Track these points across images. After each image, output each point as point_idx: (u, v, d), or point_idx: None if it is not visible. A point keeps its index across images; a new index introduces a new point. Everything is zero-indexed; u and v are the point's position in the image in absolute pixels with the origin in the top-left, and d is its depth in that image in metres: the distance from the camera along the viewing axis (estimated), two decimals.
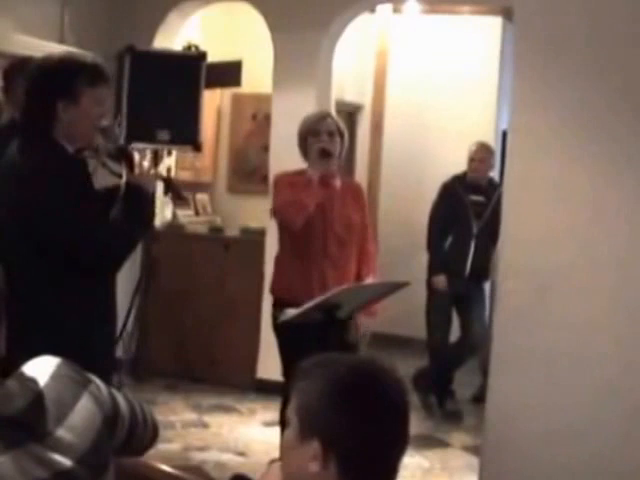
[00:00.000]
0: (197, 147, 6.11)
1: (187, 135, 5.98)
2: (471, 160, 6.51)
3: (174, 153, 6.84)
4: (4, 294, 1.60)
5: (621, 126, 3.68)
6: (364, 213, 4.56)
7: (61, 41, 6.27)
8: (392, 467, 1.62)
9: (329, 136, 4.35)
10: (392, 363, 1.71)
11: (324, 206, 4.34)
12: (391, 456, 1.62)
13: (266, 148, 6.84)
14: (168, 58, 6.26)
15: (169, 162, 6.91)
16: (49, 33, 6.20)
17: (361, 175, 8.29)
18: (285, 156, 6.53)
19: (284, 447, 1.64)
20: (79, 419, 1.57)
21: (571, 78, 3.75)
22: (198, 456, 5.28)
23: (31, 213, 3.06)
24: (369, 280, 4.38)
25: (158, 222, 6.72)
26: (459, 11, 8.37)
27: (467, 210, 6.38)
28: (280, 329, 4.27)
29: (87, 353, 2.40)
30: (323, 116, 4.53)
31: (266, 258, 6.54)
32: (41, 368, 1.62)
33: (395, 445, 1.62)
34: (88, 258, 3.15)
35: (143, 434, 1.82)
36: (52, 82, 3.13)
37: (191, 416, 6.05)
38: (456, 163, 6.76)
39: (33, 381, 1.57)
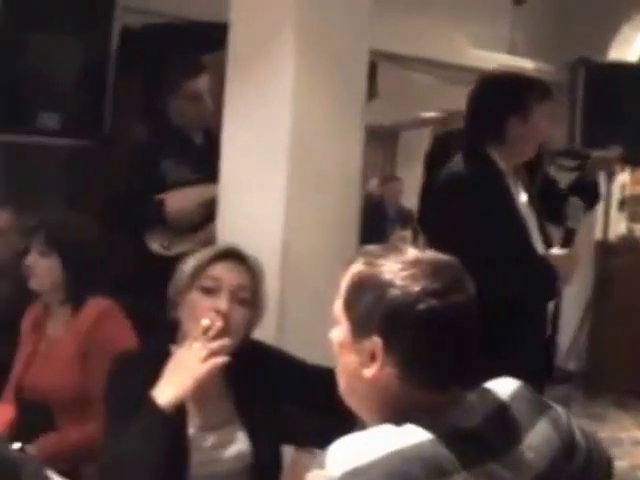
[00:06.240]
0: None
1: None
2: None
3: (627, 169, 6.72)
4: None
5: None
6: None
7: (511, 53, 6.49)
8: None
9: None
10: None
11: None
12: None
13: None
14: (623, 70, 6.12)
15: (622, 178, 6.84)
16: (499, 46, 6.47)
17: None
18: None
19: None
20: (538, 439, 1.57)
21: None
22: None
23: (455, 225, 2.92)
24: None
25: (612, 235, 6.67)
26: None
27: None
28: None
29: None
30: None
31: None
32: (501, 387, 1.66)
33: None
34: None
35: (598, 466, 1.80)
36: (504, 97, 3.06)
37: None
38: None
39: (494, 396, 1.62)
